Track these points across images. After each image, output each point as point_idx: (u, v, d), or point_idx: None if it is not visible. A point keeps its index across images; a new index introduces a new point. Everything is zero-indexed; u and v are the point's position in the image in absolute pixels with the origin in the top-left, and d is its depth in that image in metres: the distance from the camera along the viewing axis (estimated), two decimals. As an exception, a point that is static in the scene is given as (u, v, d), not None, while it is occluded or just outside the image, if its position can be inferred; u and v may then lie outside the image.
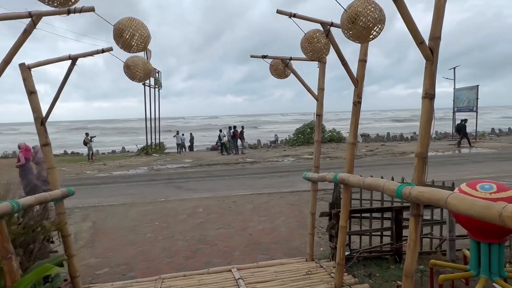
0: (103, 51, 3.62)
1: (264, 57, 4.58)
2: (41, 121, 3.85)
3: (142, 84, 21.30)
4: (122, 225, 7.09)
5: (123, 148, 28.99)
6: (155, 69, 23.16)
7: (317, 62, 4.37)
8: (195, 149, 27.99)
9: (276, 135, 37.83)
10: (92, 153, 19.85)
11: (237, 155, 20.87)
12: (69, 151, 27.05)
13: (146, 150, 22.10)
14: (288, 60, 4.56)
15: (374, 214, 4.90)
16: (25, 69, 3.73)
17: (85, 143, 19.54)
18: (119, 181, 12.64)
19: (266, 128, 68.50)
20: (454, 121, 27.53)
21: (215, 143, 26.32)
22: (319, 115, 4.63)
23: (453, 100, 27.09)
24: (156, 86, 23.88)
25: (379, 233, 4.76)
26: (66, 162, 18.87)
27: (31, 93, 3.77)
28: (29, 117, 3.89)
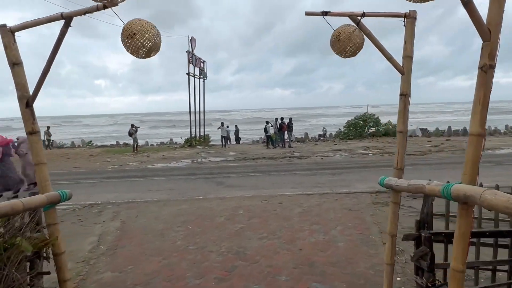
0: (104, 7, 2.54)
1: (324, 14, 3.25)
2: (26, 101, 2.89)
3: (186, 74, 20.76)
4: (152, 227, 6.20)
5: (171, 140, 29.05)
6: (200, 58, 22.55)
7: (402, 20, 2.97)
8: (240, 142, 27.20)
9: (324, 128, 36.00)
10: (137, 144, 19.73)
11: (283, 148, 19.60)
12: (121, 142, 27.63)
13: (190, 142, 21.63)
14: (359, 18, 3.18)
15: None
16: (7, 33, 2.77)
17: (130, 134, 19.45)
18: (159, 175, 12.00)
19: (313, 122, 66.38)
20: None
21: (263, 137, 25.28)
22: (404, 94, 3.21)
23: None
24: (201, 76, 23.27)
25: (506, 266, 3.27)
26: (112, 153, 18.91)
27: (14, 64, 2.82)
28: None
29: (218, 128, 23.67)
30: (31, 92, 2.88)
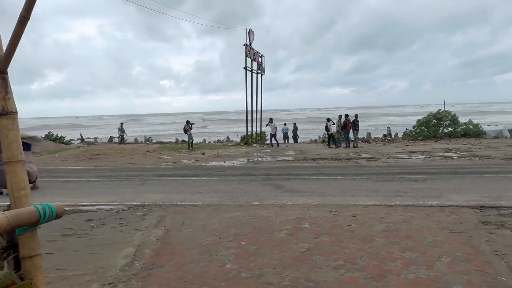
0: None
1: None
2: (-4, 65, 1.84)
3: (244, 68, 19.79)
4: (198, 240, 5.11)
5: (228, 137, 28.55)
6: (258, 52, 21.48)
7: None
8: (298, 141, 25.75)
9: (389, 128, 33.28)
10: (192, 141, 19.24)
11: (348, 148, 17.76)
12: (180, 139, 27.76)
13: (246, 140, 20.68)
14: None
15: None
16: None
17: (185, 131, 18.99)
18: (212, 174, 11.07)
19: (375, 121, 62.46)
20: None
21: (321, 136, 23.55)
22: None
23: None
24: (259, 71, 22.22)
25: None
26: (167, 150, 18.63)
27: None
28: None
29: (266, 125, 21.25)
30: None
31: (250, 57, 19.95)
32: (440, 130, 23.21)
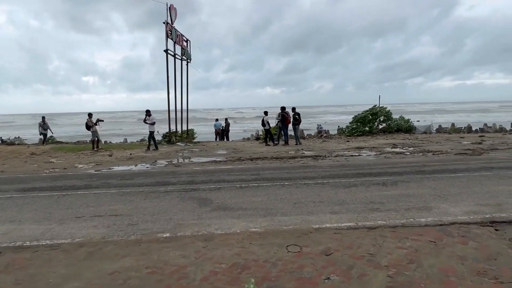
0: None
1: None
2: None
3: (164, 51, 16.48)
4: None
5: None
6: (182, 35, 18.32)
7: None
8: (230, 138, 23.18)
9: (319, 125, 32.81)
10: (98, 139, 15.36)
11: (287, 146, 15.62)
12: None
13: (168, 138, 17.40)
14: None
15: None
16: None
17: (88, 127, 15.01)
18: (110, 184, 7.83)
19: (303, 120, 62.84)
20: None
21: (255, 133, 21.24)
22: None
23: None
24: (184, 57, 19.07)
25: None
26: (64, 151, 14.51)
27: None
28: None
29: (144, 121, 17.30)
30: None
31: (172, 39, 16.71)
32: (376, 126, 22.62)
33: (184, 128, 19.79)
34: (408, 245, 3.94)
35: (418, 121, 27.31)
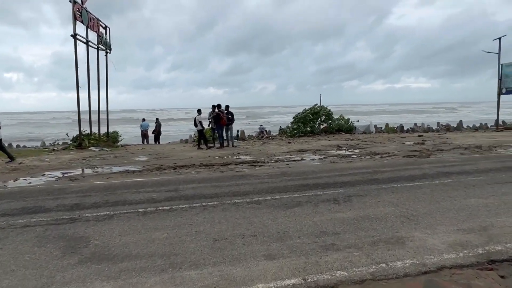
0: None
1: None
2: None
3: (71, 36, 13.57)
4: None
5: (65, 140, 21.21)
6: (97, 19, 15.49)
7: None
8: (167, 141, 20.73)
9: (261, 125, 31.70)
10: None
11: (222, 149, 13.73)
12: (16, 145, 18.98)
13: (79, 142, 14.47)
14: None
15: None
16: None
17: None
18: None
19: (246, 120, 61.73)
20: (499, 106, 21.71)
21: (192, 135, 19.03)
22: None
23: (499, 79, 21.05)
24: (102, 46, 16.22)
25: None
26: None
27: None
28: None
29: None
30: None
31: (82, 22, 13.87)
32: (317, 126, 21.78)
33: (107, 129, 16.91)
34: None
35: (358, 121, 27.20)
